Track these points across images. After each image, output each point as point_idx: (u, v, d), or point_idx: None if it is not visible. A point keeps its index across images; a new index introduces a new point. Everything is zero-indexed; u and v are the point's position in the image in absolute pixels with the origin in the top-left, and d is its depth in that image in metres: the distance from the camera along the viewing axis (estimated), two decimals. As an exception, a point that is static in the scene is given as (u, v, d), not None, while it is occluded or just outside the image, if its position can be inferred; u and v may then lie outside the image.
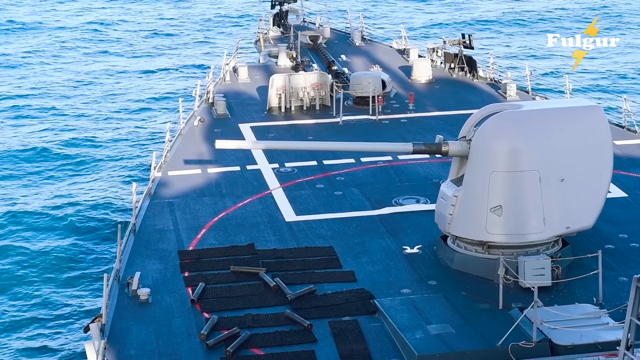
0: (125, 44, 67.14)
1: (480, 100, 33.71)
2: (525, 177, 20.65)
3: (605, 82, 55.63)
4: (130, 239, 23.45)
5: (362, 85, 34.84)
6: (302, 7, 50.50)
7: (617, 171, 25.65)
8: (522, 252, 20.74)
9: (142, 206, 25.59)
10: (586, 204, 21.12)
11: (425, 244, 22.85)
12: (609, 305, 19.02)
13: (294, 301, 19.86)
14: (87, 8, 78.84)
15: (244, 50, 50.93)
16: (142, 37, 69.77)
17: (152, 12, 78.23)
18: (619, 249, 22.45)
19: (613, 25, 69.20)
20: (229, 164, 29.01)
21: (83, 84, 56.11)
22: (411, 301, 19.86)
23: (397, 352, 18.11)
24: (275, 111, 34.70)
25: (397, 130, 32.28)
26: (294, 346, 18.30)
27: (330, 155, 29.14)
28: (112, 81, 57.02)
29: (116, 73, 58.93)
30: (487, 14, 74.76)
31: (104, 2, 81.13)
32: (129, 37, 69.27)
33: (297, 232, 23.89)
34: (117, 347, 18.43)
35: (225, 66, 39.93)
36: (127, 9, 79.05)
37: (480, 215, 20.83)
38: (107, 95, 53.99)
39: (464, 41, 39.33)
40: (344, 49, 44.21)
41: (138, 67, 60.69)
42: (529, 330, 17.81)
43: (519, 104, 22.38)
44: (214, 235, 23.73)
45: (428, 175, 27.69)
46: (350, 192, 26.65)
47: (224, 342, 18.28)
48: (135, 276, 20.66)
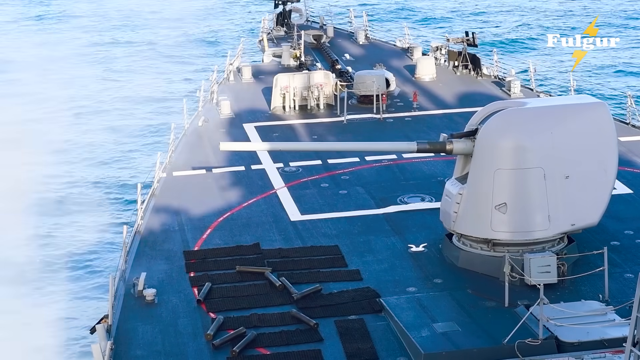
0: (129, 44, 67.18)
1: (485, 98, 33.68)
2: (530, 175, 20.62)
3: (609, 79, 55.58)
4: (135, 239, 23.45)
5: (366, 84, 34.82)
6: (306, 6, 50.50)
7: (622, 167, 25.62)
8: (528, 249, 20.71)
9: (147, 207, 25.59)
10: (591, 200, 21.08)
11: (431, 242, 22.84)
12: (615, 302, 18.97)
13: (299, 300, 19.87)
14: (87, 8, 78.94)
15: (247, 50, 50.99)
16: (145, 37, 69.83)
17: (156, 12, 78.27)
18: (625, 246, 22.42)
19: (613, 25, 69.16)
20: (233, 163, 29.01)
21: (87, 85, 56.17)
22: (417, 299, 19.84)
23: (403, 351, 18.09)
24: (279, 111, 34.69)
25: (402, 128, 32.27)
26: (300, 345, 18.29)
27: (335, 154, 29.13)
28: (116, 82, 57.08)
29: (120, 74, 58.98)
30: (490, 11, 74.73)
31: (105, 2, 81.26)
32: (131, 38, 69.31)
33: (303, 231, 23.88)
34: (124, 348, 18.44)
35: (229, 66, 39.95)
36: (129, 10, 79.10)
37: (485, 212, 20.80)
38: (112, 96, 54.04)
39: (468, 39, 39.33)
40: (347, 47, 44.21)
41: (142, 68, 60.72)
42: (535, 327, 17.79)
43: (523, 101, 22.36)
44: (220, 235, 23.72)
45: (433, 174, 27.67)
46: (355, 191, 26.63)
47: (230, 342, 18.28)
48: (141, 277, 20.66)
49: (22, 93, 54.40)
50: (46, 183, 40.61)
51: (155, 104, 52.27)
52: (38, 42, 67.98)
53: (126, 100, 52.92)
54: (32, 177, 41.24)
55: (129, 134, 46.70)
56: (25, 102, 52.49)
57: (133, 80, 57.61)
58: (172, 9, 78.96)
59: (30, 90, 54.82)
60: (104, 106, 51.95)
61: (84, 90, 54.95)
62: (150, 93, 54.52)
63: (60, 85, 56.06)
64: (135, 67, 60.56)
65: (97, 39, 68.88)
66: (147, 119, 49.51)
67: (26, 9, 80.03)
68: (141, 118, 49.68)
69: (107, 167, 42.07)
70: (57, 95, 53.91)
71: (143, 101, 52.82)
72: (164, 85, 56.47)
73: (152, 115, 50.20)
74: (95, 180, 40.46)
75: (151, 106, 51.88)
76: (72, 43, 67.28)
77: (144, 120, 49.29)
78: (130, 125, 48.28)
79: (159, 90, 55.18)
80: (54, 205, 37.64)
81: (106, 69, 59.95)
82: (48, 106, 52.12)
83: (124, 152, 44.03)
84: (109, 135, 46.46)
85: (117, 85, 56.19)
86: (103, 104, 52.59)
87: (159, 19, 75.78)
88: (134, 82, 56.95)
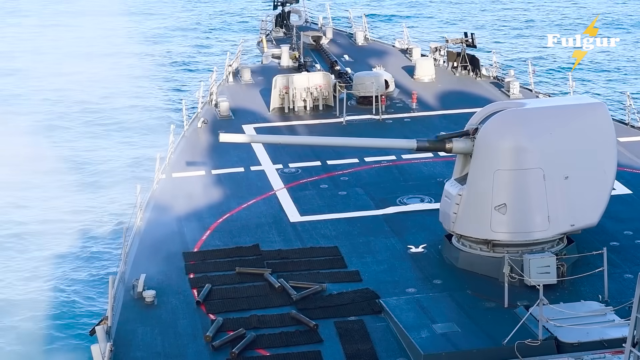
0: (129, 46, 67.19)
1: (484, 99, 33.69)
2: (530, 175, 20.63)
3: (608, 79, 55.60)
4: (135, 241, 23.44)
5: (365, 85, 34.83)
6: (305, 7, 50.53)
7: (622, 168, 25.62)
8: (527, 250, 20.72)
9: (147, 208, 25.59)
10: (591, 201, 21.09)
11: (430, 243, 22.84)
12: (615, 303, 18.97)
13: (299, 301, 19.86)
14: (87, 9, 78.94)
15: (246, 51, 51.00)
16: (145, 38, 69.85)
17: (155, 14, 78.29)
18: (624, 246, 22.42)
19: (613, 25, 69.19)
20: (232, 165, 29.02)
21: (86, 85, 56.15)
22: (416, 300, 19.84)
23: (403, 352, 18.09)
24: (278, 112, 34.70)
25: (401, 129, 32.26)
26: (300, 346, 18.29)
27: (334, 155, 29.15)
28: (116, 82, 57.05)
29: (120, 74, 58.96)
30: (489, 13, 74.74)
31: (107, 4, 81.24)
32: (132, 39, 69.32)
33: (302, 232, 23.89)
34: (123, 350, 18.43)
35: (228, 67, 39.96)
36: (130, 12, 79.12)
37: (485, 213, 20.81)
38: (111, 97, 54.02)
39: (467, 40, 39.34)
40: (346, 49, 44.21)
41: (141, 68, 60.72)
42: (535, 328, 17.79)
43: (523, 102, 22.36)
44: (219, 237, 23.72)
45: (432, 174, 27.68)
46: (355, 192, 26.63)
47: (230, 344, 18.28)
48: (141, 278, 20.65)
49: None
50: (46, 183, 40.61)
51: (154, 105, 52.26)
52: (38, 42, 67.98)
53: (125, 102, 52.89)
54: (31, 175, 41.25)
55: (127, 135, 46.67)
56: (25, 103, 52.54)
57: (132, 80, 57.60)
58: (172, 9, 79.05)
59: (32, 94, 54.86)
60: (102, 107, 51.92)
61: (82, 91, 54.90)
62: (149, 94, 54.52)
63: (60, 86, 56.11)
64: (134, 68, 60.53)
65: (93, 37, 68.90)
66: (146, 120, 49.49)
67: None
68: (140, 119, 49.66)
69: (106, 168, 42.05)
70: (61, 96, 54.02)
71: (142, 102, 52.80)
72: (163, 86, 56.47)
73: (151, 116, 50.18)
74: (94, 181, 40.45)
75: (150, 107, 51.86)
76: (69, 42, 67.29)
77: (143, 121, 49.27)
78: (129, 126, 48.24)
79: (158, 91, 55.17)
80: (54, 203, 37.62)
81: (104, 69, 59.92)
82: (48, 105, 52.14)
83: (123, 153, 44.01)
84: (107, 135, 46.42)
85: (116, 85, 56.16)
86: (103, 104, 52.58)
87: (159, 20, 75.84)
88: (133, 83, 56.93)
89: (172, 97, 53.63)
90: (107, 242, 34.34)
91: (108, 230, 35.34)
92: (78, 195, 38.82)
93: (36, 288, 31.14)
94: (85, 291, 31.04)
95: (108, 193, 38.94)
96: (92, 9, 79.20)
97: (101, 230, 35.36)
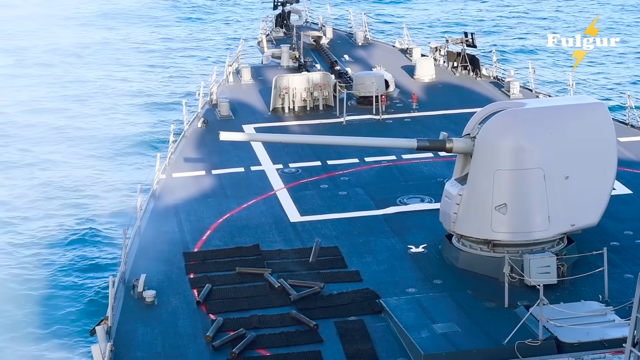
0: (129, 46, 67.20)
1: (484, 99, 33.68)
2: (530, 175, 20.62)
3: (608, 79, 55.59)
4: (135, 241, 23.44)
5: (365, 85, 34.81)
6: (305, 7, 50.51)
7: (622, 168, 25.62)
8: (527, 250, 20.72)
9: (147, 208, 25.59)
10: (591, 201, 21.09)
11: (430, 243, 22.83)
12: (615, 303, 18.98)
13: (298, 301, 19.85)
14: (87, 9, 78.96)
15: (246, 52, 50.97)
16: (145, 39, 69.84)
17: (155, 14, 78.29)
18: (624, 246, 22.42)
19: (613, 25, 69.18)
20: (233, 165, 29.01)
21: (86, 87, 56.16)
22: (417, 300, 19.84)
23: (403, 352, 18.10)
24: (278, 112, 34.68)
25: (401, 129, 32.24)
26: (300, 346, 18.29)
27: (334, 155, 29.15)
28: (116, 83, 57.06)
29: (120, 75, 58.98)
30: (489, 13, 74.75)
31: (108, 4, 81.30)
32: (132, 39, 69.33)
33: (302, 232, 23.88)
34: (123, 350, 18.43)
35: (228, 67, 39.93)
36: (129, 12, 79.12)
37: (485, 213, 20.80)
38: (110, 97, 54.03)
39: (467, 40, 39.32)
40: (346, 49, 44.20)
41: (141, 69, 60.72)
42: (535, 328, 17.79)
43: (523, 102, 22.36)
44: (219, 237, 23.72)
45: (432, 174, 27.67)
46: (355, 192, 26.63)
47: (230, 344, 18.28)
48: (141, 278, 20.65)
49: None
50: (46, 183, 40.61)
51: (154, 106, 52.25)
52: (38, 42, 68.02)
53: (125, 102, 52.90)
54: (32, 175, 41.28)
55: (127, 135, 46.67)
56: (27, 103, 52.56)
57: (132, 81, 57.61)
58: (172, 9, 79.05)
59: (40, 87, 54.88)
60: (101, 108, 51.92)
61: (81, 92, 54.92)
62: (149, 94, 54.51)
63: (61, 85, 56.13)
64: (133, 69, 60.54)
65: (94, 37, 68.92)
66: (146, 121, 49.49)
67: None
68: (140, 120, 49.66)
69: (106, 168, 42.04)
70: (61, 95, 54.02)
71: (142, 103, 52.80)
72: (163, 86, 56.46)
73: (151, 117, 50.18)
74: (94, 182, 40.44)
75: (150, 108, 51.86)
76: (69, 42, 67.30)
77: (143, 122, 49.27)
78: (129, 127, 48.25)
79: (157, 91, 55.16)
80: (55, 204, 37.62)
81: (104, 70, 59.94)
82: (47, 107, 52.14)
83: (123, 153, 44.01)
84: (107, 136, 46.43)
85: (116, 86, 56.17)
86: (102, 104, 52.58)
87: (159, 20, 75.82)
88: (132, 84, 56.95)
89: (172, 97, 53.61)
90: (107, 242, 34.34)
91: (108, 230, 35.35)
92: (78, 195, 38.81)
93: (36, 288, 31.15)
94: (86, 291, 31.04)
95: (108, 193, 38.94)
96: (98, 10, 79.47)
97: (101, 230, 35.36)
